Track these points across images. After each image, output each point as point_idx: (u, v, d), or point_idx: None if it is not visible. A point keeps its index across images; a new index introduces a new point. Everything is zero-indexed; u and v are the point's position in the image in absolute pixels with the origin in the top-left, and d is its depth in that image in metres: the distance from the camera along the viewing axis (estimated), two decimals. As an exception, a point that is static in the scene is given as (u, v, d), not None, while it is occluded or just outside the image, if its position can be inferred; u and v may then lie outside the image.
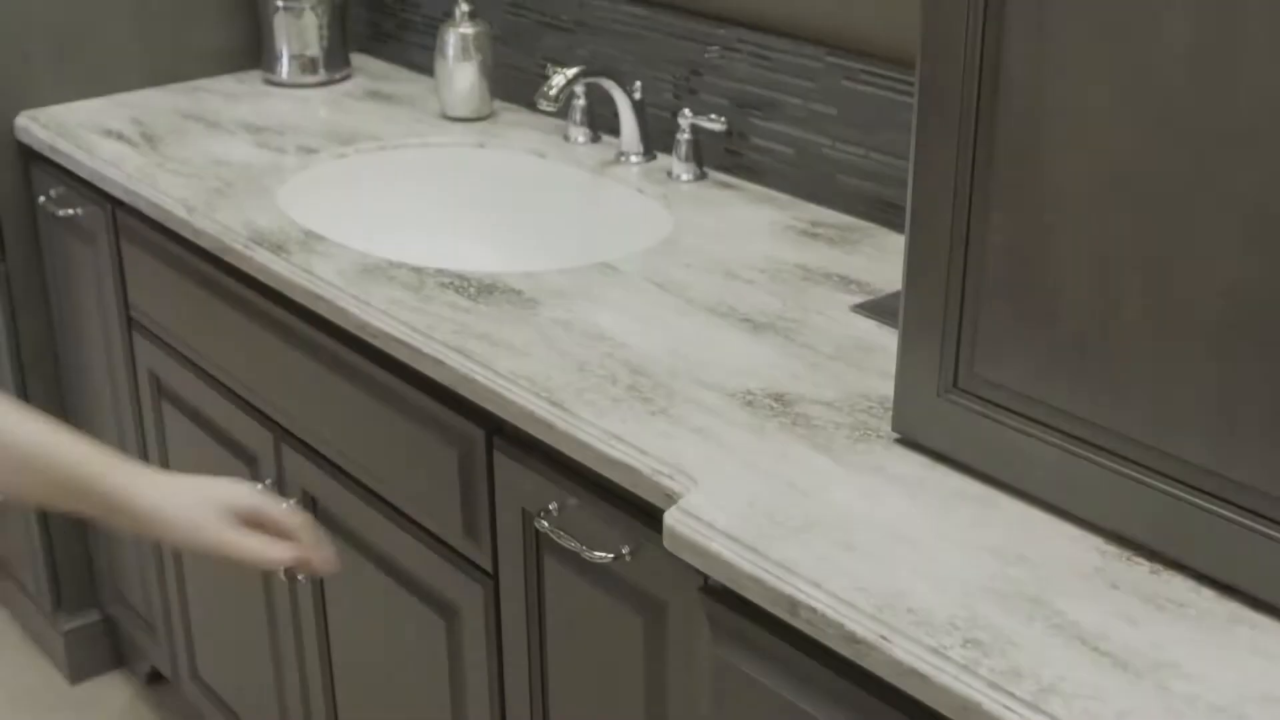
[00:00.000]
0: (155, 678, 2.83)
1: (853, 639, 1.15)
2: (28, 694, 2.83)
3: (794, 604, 1.19)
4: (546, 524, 1.52)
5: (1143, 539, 1.21)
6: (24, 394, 2.67)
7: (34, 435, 1.22)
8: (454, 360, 1.58)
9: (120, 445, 2.52)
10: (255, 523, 1.33)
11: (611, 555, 1.45)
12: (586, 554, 1.46)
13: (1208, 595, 1.17)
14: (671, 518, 1.30)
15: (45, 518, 2.75)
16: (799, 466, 1.36)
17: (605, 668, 1.54)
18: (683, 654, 1.42)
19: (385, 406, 1.76)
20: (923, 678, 1.11)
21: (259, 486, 1.34)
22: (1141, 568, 1.21)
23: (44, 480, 1.22)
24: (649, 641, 1.47)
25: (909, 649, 1.12)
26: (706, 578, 1.31)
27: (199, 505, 1.28)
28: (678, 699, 1.45)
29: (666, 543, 1.30)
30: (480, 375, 1.55)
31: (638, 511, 1.42)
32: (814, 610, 1.17)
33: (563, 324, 1.66)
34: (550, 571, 1.58)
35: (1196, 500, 1.16)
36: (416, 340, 1.63)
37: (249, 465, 2.11)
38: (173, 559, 2.45)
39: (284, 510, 1.35)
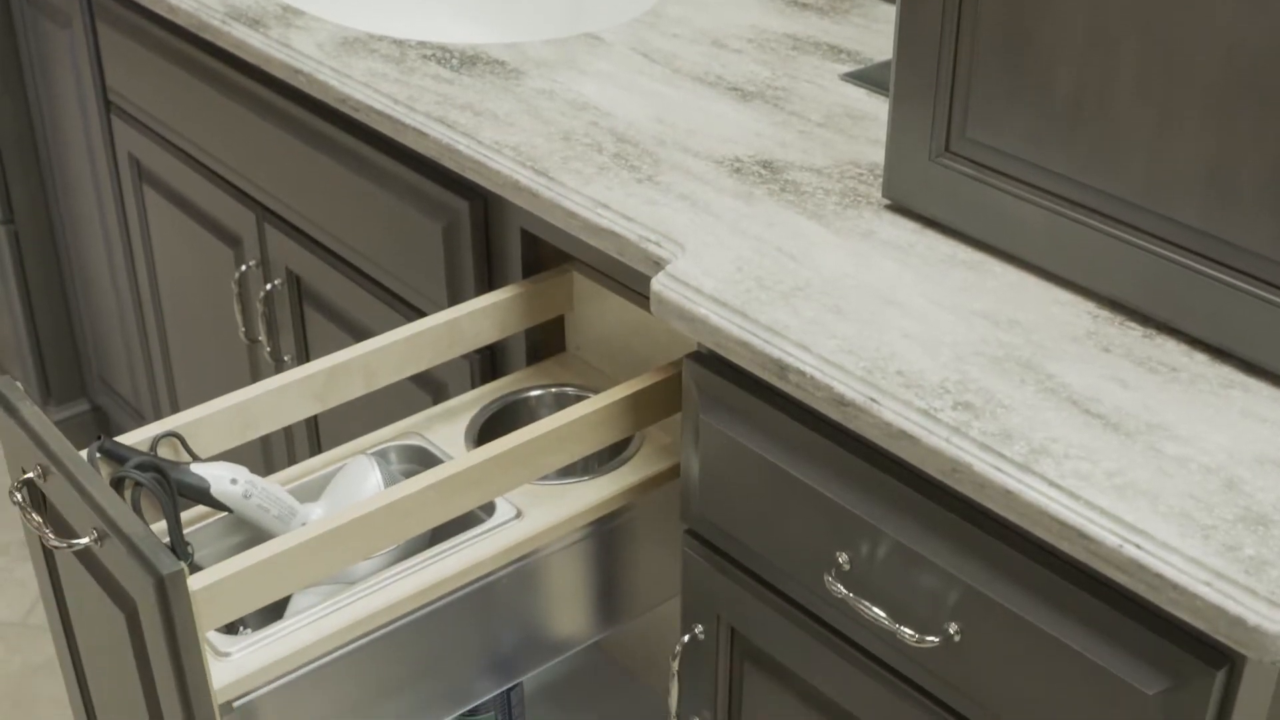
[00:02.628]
0: (146, 466, 2.84)
1: (841, 401, 1.14)
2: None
3: (782, 367, 1.18)
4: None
5: (1135, 303, 1.20)
6: (4, 182, 2.64)
7: None
8: (437, 131, 1.55)
9: (103, 230, 2.50)
10: None
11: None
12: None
13: (1200, 359, 1.16)
14: (659, 283, 1.28)
15: (31, 311, 2.74)
16: (787, 232, 1.34)
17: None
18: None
19: (368, 181, 1.73)
20: (912, 440, 1.10)
21: None
22: (1134, 332, 1.19)
23: None
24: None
25: (898, 411, 1.11)
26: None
27: None
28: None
29: (654, 309, 1.28)
30: (464, 145, 1.52)
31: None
32: (802, 373, 1.16)
33: (547, 94, 1.62)
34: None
35: (1190, 263, 1.14)
36: (398, 112, 1.60)
37: (232, 246, 2.09)
38: (160, 348, 2.45)
39: None
